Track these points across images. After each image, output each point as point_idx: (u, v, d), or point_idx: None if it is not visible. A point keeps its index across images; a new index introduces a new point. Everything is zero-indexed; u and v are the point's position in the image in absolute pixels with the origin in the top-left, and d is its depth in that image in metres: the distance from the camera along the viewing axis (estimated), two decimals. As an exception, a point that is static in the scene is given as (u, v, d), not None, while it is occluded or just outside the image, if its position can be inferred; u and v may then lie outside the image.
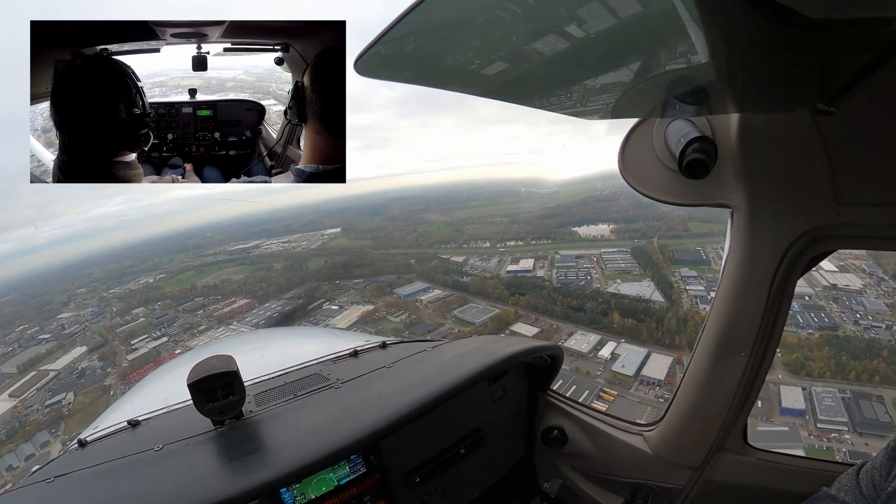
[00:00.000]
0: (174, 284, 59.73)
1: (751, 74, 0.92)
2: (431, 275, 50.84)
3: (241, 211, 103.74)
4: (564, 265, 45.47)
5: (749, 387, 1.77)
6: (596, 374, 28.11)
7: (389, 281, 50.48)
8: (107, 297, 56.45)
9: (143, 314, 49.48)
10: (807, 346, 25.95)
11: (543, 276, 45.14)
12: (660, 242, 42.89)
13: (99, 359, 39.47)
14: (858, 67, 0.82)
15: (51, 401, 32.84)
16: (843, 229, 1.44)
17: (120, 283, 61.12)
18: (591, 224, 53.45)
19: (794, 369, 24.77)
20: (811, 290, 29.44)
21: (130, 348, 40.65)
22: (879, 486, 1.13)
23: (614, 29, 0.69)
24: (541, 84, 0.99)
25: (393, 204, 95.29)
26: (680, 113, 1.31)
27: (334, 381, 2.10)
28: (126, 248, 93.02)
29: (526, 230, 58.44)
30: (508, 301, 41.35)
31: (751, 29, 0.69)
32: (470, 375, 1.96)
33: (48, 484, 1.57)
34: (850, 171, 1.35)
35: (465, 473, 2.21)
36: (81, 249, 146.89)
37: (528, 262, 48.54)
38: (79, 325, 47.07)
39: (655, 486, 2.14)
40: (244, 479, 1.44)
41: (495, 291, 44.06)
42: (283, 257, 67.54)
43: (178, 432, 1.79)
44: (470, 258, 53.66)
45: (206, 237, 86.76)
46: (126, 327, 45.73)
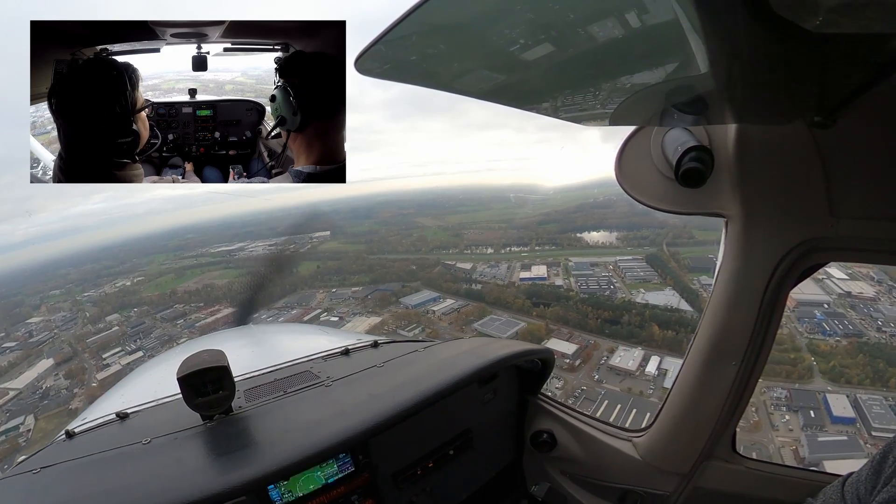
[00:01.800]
0: (152, 288, 58.09)
1: (750, 86, 0.96)
2: (438, 282, 49.38)
3: (225, 212, 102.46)
4: (581, 273, 44.60)
5: (739, 396, 1.81)
6: (648, 392, 27.27)
7: (394, 290, 48.47)
8: (80, 300, 54.81)
9: (117, 322, 47.27)
10: (839, 353, 26.34)
11: (562, 284, 43.85)
12: (670, 250, 42.82)
13: (66, 376, 36.89)
14: (857, 82, 0.85)
15: (6, 425, 30.35)
16: (837, 242, 1.48)
17: (95, 285, 59.68)
18: (593, 230, 53.52)
19: (833, 377, 25.15)
20: (828, 298, 30.01)
21: (101, 364, 38.15)
22: (864, 499, 1.16)
23: (616, 37, 0.72)
24: (541, 89, 1.02)
25: (381, 208, 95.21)
26: (678, 122, 1.37)
27: (325, 378, 2.14)
28: (104, 249, 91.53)
29: (528, 236, 58.29)
30: (533, 313, 39.71)
31: (752, 41, 0.72)
32: (461, 377, 2.00)
33: (34, 475, 1.58)
34: (845, 185, 1.39)
35: (454, 475, 2.26)
36: (59, 248, 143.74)
37: (541, 269, 47.50)
38: (48, 333, 45.01)
39: (643, 492, 2.19)
40: (232, 474, 1.45)
41: (515, 302, 41.99)
42: None
43: (166, 426, 1.81)
44: (477, 264, 52.29)
45: (188, 238, 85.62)
46: (98, 337, 43.50)
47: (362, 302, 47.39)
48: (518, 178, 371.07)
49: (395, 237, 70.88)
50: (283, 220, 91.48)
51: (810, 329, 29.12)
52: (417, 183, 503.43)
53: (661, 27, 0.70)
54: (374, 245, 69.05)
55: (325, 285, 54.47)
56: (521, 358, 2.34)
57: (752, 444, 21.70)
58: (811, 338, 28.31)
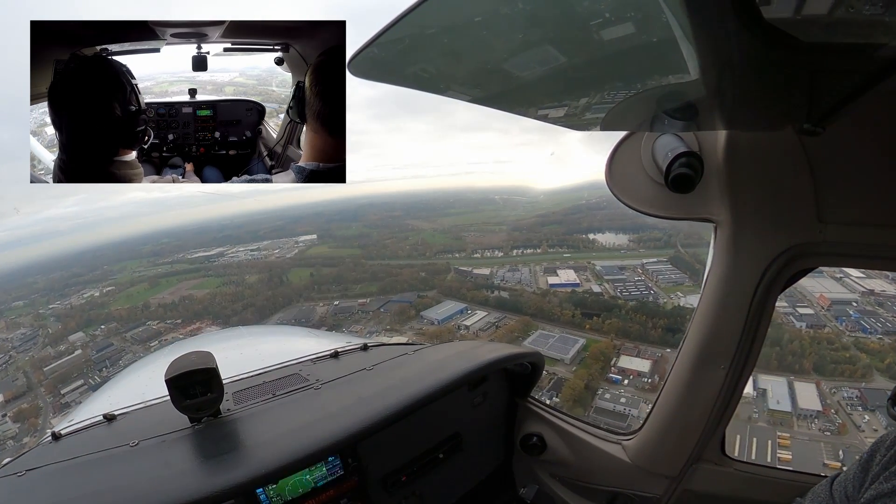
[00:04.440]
0: (123, 301, 55.54)
1: (740, 93, 1.01)
2: (457, 290, 46.22)
3: (201, 216, 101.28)
4: (614, 278, 42.82)
5: (728, 399, 1.91)
6: (754, 416, 26.15)
7: (414, 302, 44.11)
8: (44, 314, 52.15)
9: (81, 343, 43.04)
10: (886, 350, 26.77)
11: (600, 290, 41.46)
12: (688, 251, 42.28)
13: (14, 418, 32.20)
14: (846, 90, 0.88)
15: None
16: (825, 247, 1.56)
17: (62, 295, 57.58)
18: (597, 232, 53.12)
19: (893, 375, 25.46)
20: (855, 297, 30.58)
21: (59, 402, 33.62)
22: (852, 497, 1.21)
23: (608, 43, 0.75)
24: (532, 94, 1.07)
25: (365, 210, 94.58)
26: (668, 128, 1.44)
27: (314, 381, 2.20)
28: (75, 255, 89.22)
29: (534, 238, 57.38)
30: (585, 325, 36.34)
31: (742, 49, 0.75)
32: (450, 380, 2.07)
33: (19, 477, 1.61)
34: (833, 191, 1.47)
35: (444, 478, 2.34)
36: (28, 255, 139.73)
37: (570, 274, 45.16)
38: (3, 355, 41.42)
39: (633, 494, 2.29)
40: (220, 477, 1.49)
41: (563, 313, 37.80)
42: (256, 268, 63.46)
43: (154, 428, 1.85)
44: (496, 269, 49.74)
45: (163, 243, 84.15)
46: (58, 364, 38.88)
47: (375, 316, 43.30)
48: (499, 181, 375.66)
49: (390, 240, 69.64)
50: (263, 224, 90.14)
51: (850, 328, 29.73)
52: (397, 186, 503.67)
53: (652, 34, 0.75)
54: (371, 249, 67.45)
55: (324, 297, 51.47)
56: (510, 361, 2.43)
57: (847, 447, 21.70)
58: (855, 336, 28.87)
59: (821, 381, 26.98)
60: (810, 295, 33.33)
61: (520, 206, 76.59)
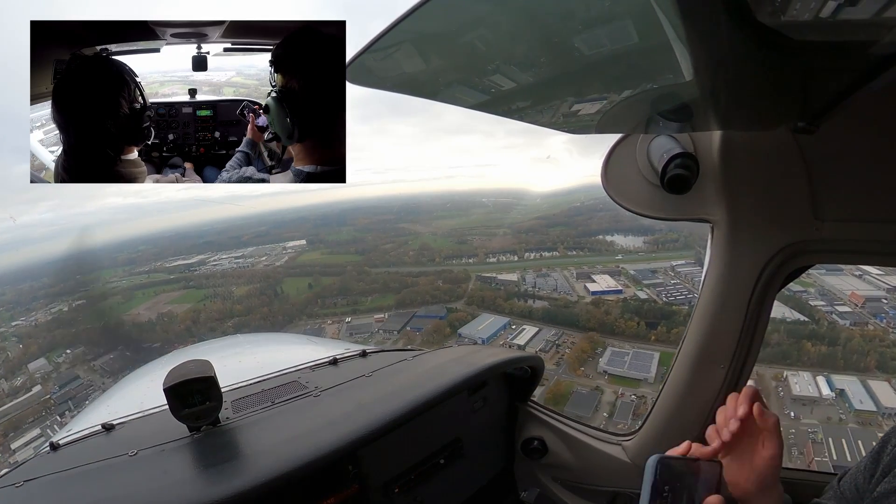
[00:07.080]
0: (94, 318, 52.03)
1: (734, 93, 1.05)
2: (487, 301, 43.08)
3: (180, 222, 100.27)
4: (651, 282, 42.20)
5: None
6: (842, 418, 26.60)
7: (445, 316, 40.66)
8: (5, 333, 47.99)
9: (41, 374, 38.31)
10: None
11: (647, 297, 40.27)
12: None
13: None
14: (839, 88, 0.92)
15: None
16: (822, 244, 1.63)
17: (28, 309, 54.95)
18: (609, 234, 52.70)
19: None
20: (882, 294, 31.13)
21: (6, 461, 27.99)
22: (862, 489, 1.26)
23: (602, 46, 0.79)
24: (527, 99, 1.11)
25: (352, 214, 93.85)
26: (663, 129, 1.52)
27: (313, 389, 2.26)
28: (47, 263, 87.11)
29: (548, 240, 56.04)
30: (650, 337, 35.03)
31: (735, 49, 0.79)
32: (450, 386, 2.14)
33: (17, 488, 1.64)
34: (828, 188, 1.53)
35: (445, 484, 2.39)
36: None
37: (607, 280, 43.98)
38: None
39: (633, 493, 2.35)
40: (219, 486, 1.53)
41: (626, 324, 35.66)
42: (243, 278, 60.60)
43: (152, 438, 1.90)
44: (524, 275, 47.34)
45: (140, 251, 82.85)
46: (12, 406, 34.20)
47: (405, 337, 39.43)
48: (480, 185, 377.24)
49: (389, 246, 67.96)
50: (245, 229, 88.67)
51: (890, 324, 30.30)
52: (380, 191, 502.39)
53: (645, 35, 0.77)
54: (372, 255, 64.95)
55: (330, 312, 47.38)
56: (510, 365, 2.51)
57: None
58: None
59: (890, 379, 27.34)
60: (840, 293, 33.77)
61: (513, 209, 76.87)
